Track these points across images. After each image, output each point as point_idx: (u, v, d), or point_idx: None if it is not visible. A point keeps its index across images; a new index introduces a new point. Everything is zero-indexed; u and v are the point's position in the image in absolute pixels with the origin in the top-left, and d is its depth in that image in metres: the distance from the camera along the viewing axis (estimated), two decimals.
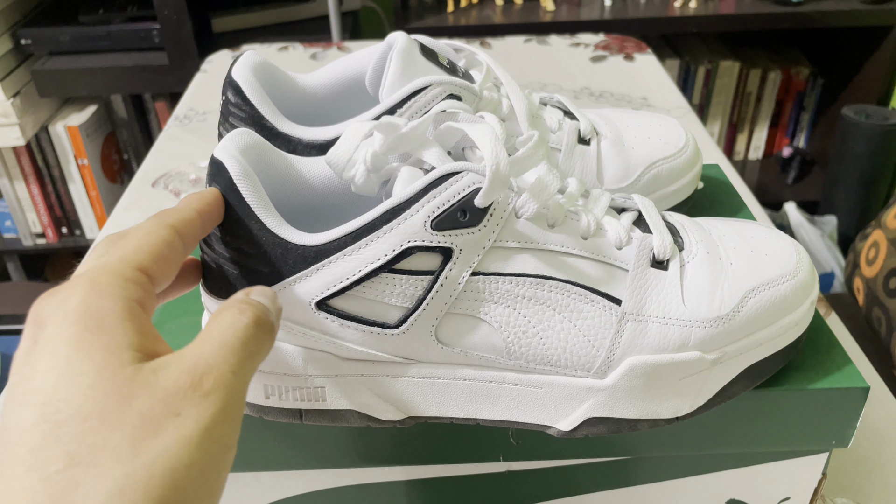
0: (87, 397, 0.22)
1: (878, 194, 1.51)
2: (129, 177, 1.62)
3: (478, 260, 0.31)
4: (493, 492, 0.40)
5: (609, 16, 1.46)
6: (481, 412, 0.34)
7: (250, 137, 0.33)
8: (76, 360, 0.23)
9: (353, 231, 0.30)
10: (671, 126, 0.47)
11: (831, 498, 0.46)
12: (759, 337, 0.34)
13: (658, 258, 0.33)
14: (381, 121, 0.32)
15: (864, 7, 1.44)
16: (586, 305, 0.32)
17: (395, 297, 0.31)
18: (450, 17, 1.47)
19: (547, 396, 0.33)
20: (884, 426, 0.51)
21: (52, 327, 0.23)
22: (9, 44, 1.36)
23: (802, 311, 0.35)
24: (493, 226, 0.31)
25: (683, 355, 0.33)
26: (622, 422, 0.33)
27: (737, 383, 0.34)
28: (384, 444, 0.37)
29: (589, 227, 0.33)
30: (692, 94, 1.66)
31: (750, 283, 0.34)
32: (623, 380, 0.32)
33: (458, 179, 0.30)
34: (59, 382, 0.22)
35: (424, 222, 0.30)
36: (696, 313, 0.33)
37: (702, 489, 0.40)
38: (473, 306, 0.32)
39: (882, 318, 0.89)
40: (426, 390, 0.34)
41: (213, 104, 0.97)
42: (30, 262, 1.66)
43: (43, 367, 0.23)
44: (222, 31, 1.44)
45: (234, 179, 0.30)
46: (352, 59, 0.44)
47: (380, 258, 0.30)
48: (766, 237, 0.37)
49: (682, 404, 0.34)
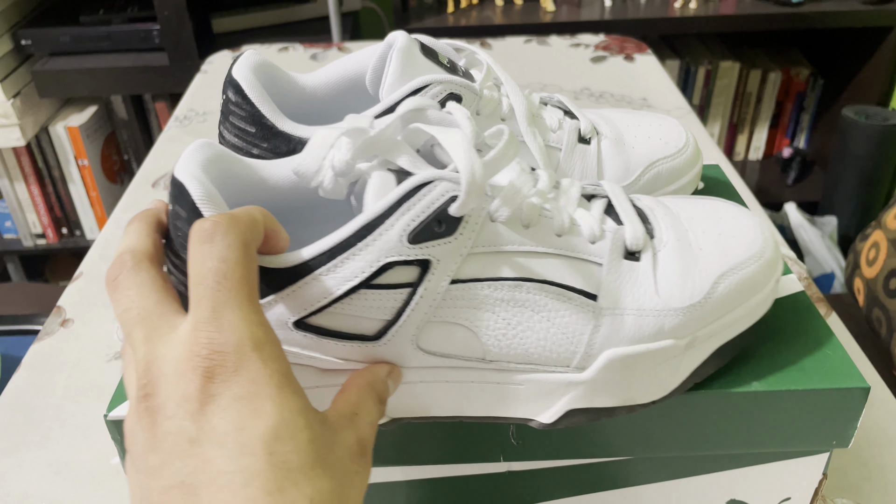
0: (310, 449, 0.25)
1: (878, 195, 1.51)
2: (130, 177, 1.62)
3: (456, 268, 0.31)
4: (493, 492, 0.40)
5: (609, 16, 1.46)
6: (464, 410, 0.34)
7: (211, 150, 0.31)
8: (289, 416, 0.25)
9: (328, 249, 0.30)
10: (671, 126, 0.47)
11: (831, 498, 0.46)
12: (729, 319, 0.34)
13: (630, 249, 0.34)
14: (347, 126, 0.31)
15: (864, 7, 1.44)
16: (563, 304, 0.32)
17: (374, 311, 0.31)
18: (450, 17, 1.47)
19: (528, 392, 0.34)
20: (884, 426, 0.51)
21: (238, 386, 0.25)
22: (9, 44, 1.37)
23: (769, 290, 0.36)
24: (469, 233, 0.31)
25: (658, 344, 0.33)
26: (601, 410, 0.34)
27: (708, 364, 0.35)
28: (384, 444, 0.37)
29: (563, 224, 0.33)
30: (692, 94, 1.66)
31: (720, 269, 0.34)
32: (601, 373, 0.33)
33: (431, 189, 0.30)
34: (281, 435, 0.24)
35: (401, 237, 0.30)
36: (669, 302, 0.33)
37: (702, 489, 0.40)
38: (453, 313, 0.32)
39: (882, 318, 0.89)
40: (409, 394, 0.34)
41: (214, 105, 0.97)
42: (30, 262, 1.66)
43: (249, 421, 0.24)
44: (222, 32, 1.44)
45: (196, 203, 0.29)
46: (352, 59, 0.44)
47: (357, 276, 0.30)
48: (734, 217, 0.37)
49: (658, 389, 0.34)
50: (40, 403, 0.54)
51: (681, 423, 0.37)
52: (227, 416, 0.24)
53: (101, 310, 0.63)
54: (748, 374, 0.36)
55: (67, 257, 1.69)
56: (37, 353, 0.58)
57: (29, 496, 0.47)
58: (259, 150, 0.40)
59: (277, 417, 0.24)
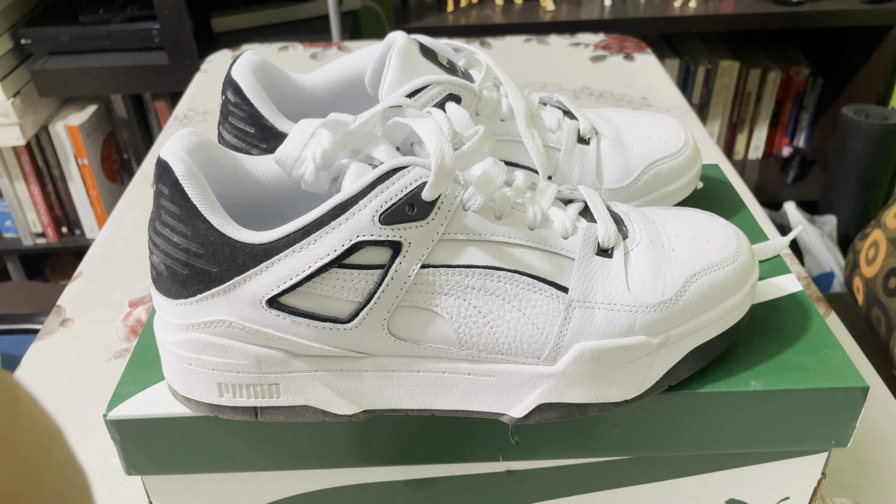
0: None
1: (878, 194, 1.51)
2: (129, 176, 1.62)
3: (427, 253, 0.32)
4: (493, 492, 0.40)
5: (609, 16, 1.46)
6: (436, 403, 0.35)
7: (197, 138, 0.33)
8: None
9: (301, 228, 0.31)
10: (671, 126, 0.47)
11: (831, 498, 0.46)
12: (702, 320, 0.35)
13: (603, 246, 0.34)
14: (329, 118, 0.32)
15: (864, 7, 1.44)
16: (534, 294, 0.33)
17: (345, 292, 0.32)
18: (450, 16, 1.47)
19: (499, 385, 0.34)
20: (883, 426, 0.51)
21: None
22: (9, 44, 1.36)
23: (743, 295, 0.36)
24: (441, 219, 0.32)
25: (629, 340, 0.33)
26: (573, 406, 0.34)
27: (683, 365, 0.35)
28: (384, 444, 0.37)
29: (535, 218, 0.34)
30: (692, 93, 1.66)
31: (692, 268, 0.35)
32: (572, 365, 0.33)
33: (405, 174, 0.31)
34: None
35: (373, 217, 0.31)
36: (641, 298, 0.34)
37: (702, 489, 0.40)
38: (424, 298, 0.32)
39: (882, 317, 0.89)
40: (380, 383, 0.34)
41: (213, 104, 0.97)
42: (30, 261, 1.66)
43: None
44: (222, 31, 1.44)
45: (179, 179, 0.30)
46: (351, 59, 0.44)
47: (329, 254, 0.31)
48: (707, 224, 0.38)
49: (630, 387, 0.34)
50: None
51: (680, 423, 0.37)
52: None
53: (101, 309, 0.63)
54: (747, 374, 0.36)
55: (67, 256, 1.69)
56: (36, 353, 0.58)
57: None
58: (258, 151, 0.40)
59: None
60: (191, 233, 0.31)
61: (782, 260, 0.45)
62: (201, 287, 0.32)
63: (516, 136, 0.42)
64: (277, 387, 0.33)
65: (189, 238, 0.31)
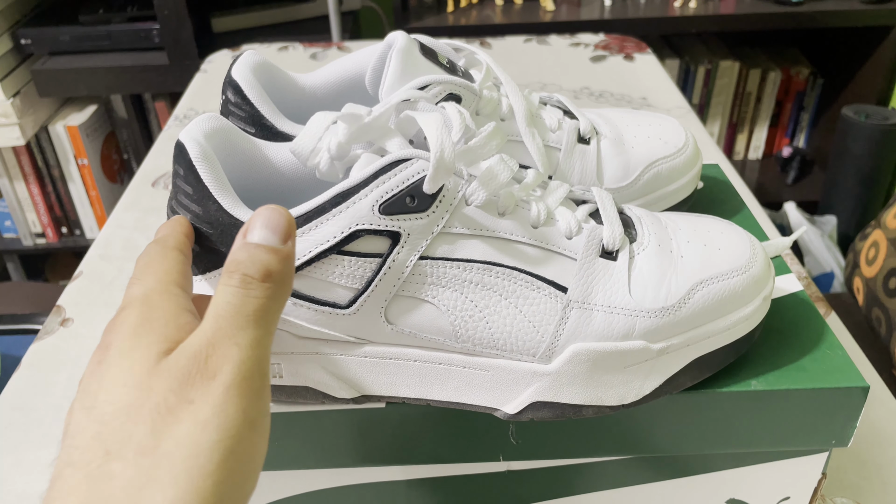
0: (122, 395, 0.23)
1: (878, 194, 1.51)
2: (129, 177, 1.62)
3: (426, 245, 0.32)
4: (493, 492, 0.40)
5: (609, 16, 1.46)
6: (431, 393, 0.35)
7: (217, 122, 0.34)
8: (125, 366, 0.24)
9: (304, 213, 0.31)
10: (671, 125, 0.47)
11: (831, 497, 0.46)
12: (706, 329, 0.34)
13: (607, 249, 0.34)
14: (344, 111, 0.33)
15: (864, 7, 1.44)
16: (532, 292, 0.33)
17: (344, 279, 0.32)
18: (450, 16, 1.47)
19: (493, 379, 0.34)
20: (884, 426, 0.51)
21: (114, 346, 0.25)
22: (9, 44, 1.36)
23: (754, 306, 0.35)
24: (441, 212, 0.32)
25: (628, 344, 0.33)
26: (567, 407, 0.34)
27: (684, 374, 0.35)
28: (384, 444, 0.37)
29: (539, 216, 0.34)
30: (692, 94, 1.66)
31: (698, 276, 0.35)
32: (567, 365, 0.33)
33: (407, 166, 0.31)
34: (105, 387, 0.24)
35: (373, 206, 0.31)
36: (642, 303, 0.33)
37: (702, 489, 0.40)
38: (422, 289, 0.33)
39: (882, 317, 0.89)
40: (378, 370, 0.34)
41: (213, 104, 0.97)
42: (30, 261, 1.66)
43: (99, 379, 0.24)
44: (222, 31, 1.44)
45: (193, 161, 0.31)
46: (352, 59, 0.44)
47: (328, 240, 0.31)
48: (723, 232, 0.37)
49: (628, 392, 0.34)
50: (40, 403, 0.54)
51: (680, 423, 0.37)
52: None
53: (101, 309, 0.63)
54: (748, 374, 0.36)
55: (67, 256, 1.69)
56: (37, 353, 0.58)
57: (29, 496, 0.47)
58: None
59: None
60: (202, 213, 0.32)
61: (783, 260, 0.45)
62: (210, 265, 0.33)
63: (516, 135, 0.42)
64: (280, 366, 0.34)
65: (200, 218, 0.32)
